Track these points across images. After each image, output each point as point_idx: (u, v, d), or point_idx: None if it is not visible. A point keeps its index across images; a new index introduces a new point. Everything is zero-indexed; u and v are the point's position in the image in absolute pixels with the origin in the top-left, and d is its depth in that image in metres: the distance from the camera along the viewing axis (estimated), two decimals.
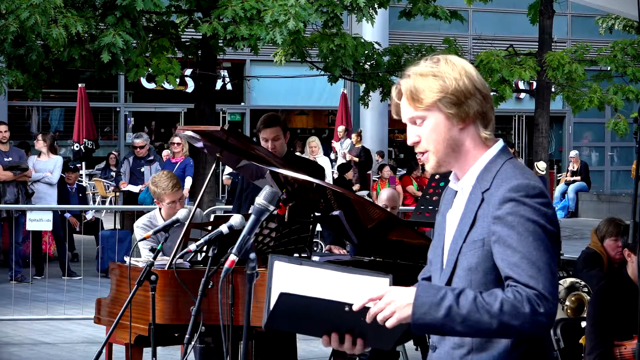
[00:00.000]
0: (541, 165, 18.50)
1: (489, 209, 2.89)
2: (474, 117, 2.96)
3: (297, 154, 11.25)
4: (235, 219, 4.12)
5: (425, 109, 2.95)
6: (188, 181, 14.24)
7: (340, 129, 21.60)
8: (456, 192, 3.05)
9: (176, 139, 14.56)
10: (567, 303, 6.81)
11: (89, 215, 14.89)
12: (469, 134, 2.97)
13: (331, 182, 14.58)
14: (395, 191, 8.58)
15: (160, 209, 7.07)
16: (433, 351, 3.03)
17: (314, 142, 16.44)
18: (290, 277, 3.05)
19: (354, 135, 21.79)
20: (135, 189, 14.37)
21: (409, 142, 3.03)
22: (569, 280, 6.91)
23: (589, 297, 6.70)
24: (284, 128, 7.06)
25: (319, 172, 7.04)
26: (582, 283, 6.86)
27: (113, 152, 22.16)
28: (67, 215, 13.95)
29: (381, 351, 5.07)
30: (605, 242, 7.45)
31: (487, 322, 2.76)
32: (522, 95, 26.76)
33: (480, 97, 2.96)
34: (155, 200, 7.12)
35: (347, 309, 2.84)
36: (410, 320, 2.80)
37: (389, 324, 2.81)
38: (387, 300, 2.82)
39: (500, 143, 3.00)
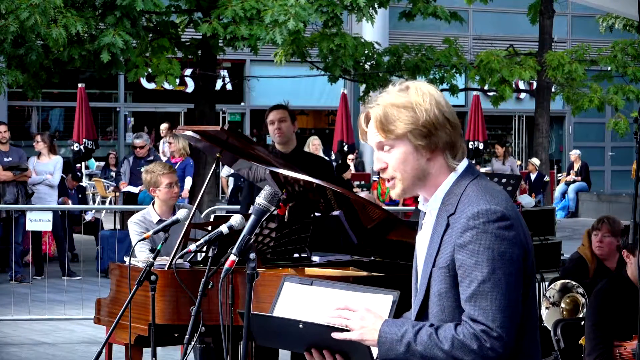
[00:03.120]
0: (535, 161, 18.83)
1: (453, 236, 2.90)
2: (442, 148, 2.96)
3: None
4: (235, 219, 4.11)
5: (395, 138, 2.95)
6: (188, 181, 14.23)
7: (163, 126, 17.92)
8: (425, 213, 3.07)
9: (170, 139, 14.56)
10: (563, 305, 6.79)
11: (89, 216, 14.89)
12: (436, 163, 2.97)
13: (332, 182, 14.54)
14: (370, 194, 8.60)
15: (153, 205, 7.03)
16: None
17: (316, 140, 16.45)
18: (295, 298, 3.22)
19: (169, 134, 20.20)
20: (135, 189, 14.36)
21: (376, 168, 3.05)
22: (560, 282, 6.88)
23: (583, 298, 6.70)
24: (291, 114, 7.06)
25: (326, 167, 7.02)
26: (575, 283, 6.84)
27: (111, 151, 22.13)
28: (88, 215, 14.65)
29: None
30: (591, 237, 7.31)
31: (443, 358, 2.85)
32: (522, 95, 26.74)
33: (449, 128, 2.96)
34: (150, 189, 7.05)
35: (301, 326, 2.97)
36: (379, 356, 2.92)
37: (348, 335, 2.91)
38: (360, 315, 2.94)
39: (463, 163, 3.00)
